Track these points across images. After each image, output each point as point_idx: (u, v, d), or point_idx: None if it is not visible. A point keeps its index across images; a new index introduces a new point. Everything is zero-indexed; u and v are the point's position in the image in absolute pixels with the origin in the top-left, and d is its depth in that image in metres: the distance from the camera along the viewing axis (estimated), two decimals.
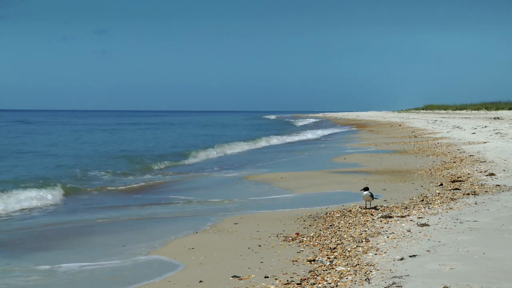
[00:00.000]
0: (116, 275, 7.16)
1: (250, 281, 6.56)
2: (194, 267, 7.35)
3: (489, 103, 76.41)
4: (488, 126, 34.07)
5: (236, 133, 51.63)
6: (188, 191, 14.51)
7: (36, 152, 27.54)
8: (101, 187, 15.74)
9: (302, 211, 10.81)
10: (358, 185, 13.52)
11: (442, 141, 26.84)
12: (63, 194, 14.06)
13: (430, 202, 10.89)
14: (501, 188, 11.98)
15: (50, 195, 13.55)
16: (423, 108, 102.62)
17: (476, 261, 6.62)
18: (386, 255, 7.22)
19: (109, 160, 23.14)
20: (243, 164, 21.69)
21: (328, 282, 6.28)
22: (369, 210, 10.46)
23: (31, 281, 7.09)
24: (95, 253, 8.31)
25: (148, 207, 12.36)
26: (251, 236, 8.90)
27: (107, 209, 12.17)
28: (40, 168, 19.77)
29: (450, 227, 8.46)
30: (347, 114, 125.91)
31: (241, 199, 12.88)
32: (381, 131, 42.67)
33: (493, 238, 7.67)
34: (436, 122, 48.01)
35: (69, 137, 42.38)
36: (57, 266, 7.63)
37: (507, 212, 9.38)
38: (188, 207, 12.06)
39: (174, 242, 8.78)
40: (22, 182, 15.39)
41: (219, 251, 8.08)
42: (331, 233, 8.72)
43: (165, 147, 31.63)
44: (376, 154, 22.26)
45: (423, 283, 5.91)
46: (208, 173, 18.78)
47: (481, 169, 15.08)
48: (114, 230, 9.94)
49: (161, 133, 52.14)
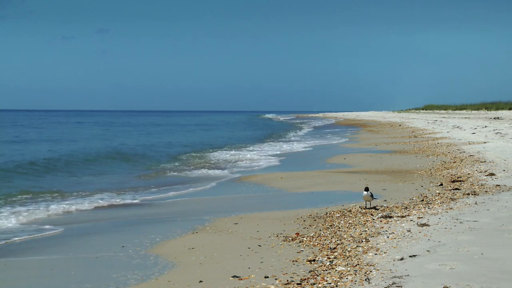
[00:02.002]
0: (116, 275, 7.16)
1: (250, 281, 6.56)
2: (194, 267, 7.35)
3: (489, 103, 76.39)
4: (488, 126, 34.08)
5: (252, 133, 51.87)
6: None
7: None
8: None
9: (302, 211, 10.81)
10: (358, 185, 13.53)
11: (442, 141, 26.84)
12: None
13: (430, 202, 10.89)
14: (501, 188, 11.98)
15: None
16: (423, 108, 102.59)
17: (476, 261, 6.62)
18: (386, 255, 7.22)
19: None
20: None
21: (328, 282, 6.28)
22: (369, 210, 10.46)
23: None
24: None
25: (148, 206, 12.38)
26: (251, 236, 8.90)
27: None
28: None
29: (450, 227, 8.46)
30: (347, 114, 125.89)
31: (241, 197, 12.88)
32: (381, 131, 42.68)
33: (493, 238, 7.67)
34: (436, 122, 48.01)
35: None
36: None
37: (507, 212, 9.38)
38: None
39: (174, 241, 8.78)
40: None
41: (219, 251, 8.08)
42: (331, 233, 8.72)
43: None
44: (376, 154, 22.26)
45: (423, 283, 5.91)
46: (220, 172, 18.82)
47: (481, 169, 15.08)
48: (114, 230, 9.96)
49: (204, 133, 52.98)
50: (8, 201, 13.16)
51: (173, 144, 34.20)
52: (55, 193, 14.49)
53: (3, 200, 13.25)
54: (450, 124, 41.76)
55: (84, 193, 14.58)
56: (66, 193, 14.54)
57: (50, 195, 14.23)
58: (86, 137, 41.99)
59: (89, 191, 14.84)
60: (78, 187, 15.77)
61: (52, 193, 14.54)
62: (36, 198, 13.74)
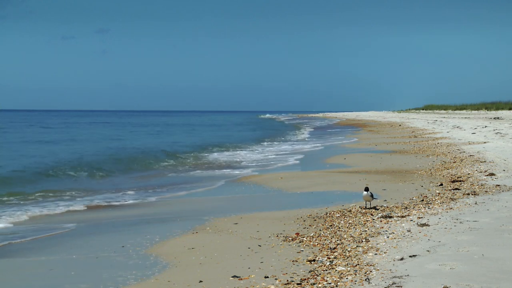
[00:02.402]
0: (115, 275, 7.16)
1: (250, 281, 6.56)
2: (194, 267, 7.35)
3: (489, 103, 76.39)
4: (488, 126, 34.07)
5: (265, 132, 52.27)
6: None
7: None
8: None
9: (302, 211, 10.80)
10: (358, 185, 13.53)
11: (442, 141, 26.84)
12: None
13: (430, 202, 10.89)
14: (501, 188, 11.98)
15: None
16: (423, 108, 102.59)
17: (476, 261, 6.62)
18: (386, 255, 7.22)
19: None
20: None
21: (328, 282, 6.28)
22: (369, 210, 10.46)
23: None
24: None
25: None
26: (251, 236, 8.89)
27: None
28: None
29: (450, 227, 8.46)
30: (347, 114, 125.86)
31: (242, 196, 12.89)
32: (381, 131, 42.68)
33: (493, 238, 7.67)
34: (436, 122, 48.01)
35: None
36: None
37: (507, 212, 9.38)
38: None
39: (174, 241, 8.78)
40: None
41: (219, 251, 8.07)
42: (331, 233, 8.71)
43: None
44: (376, 154, 22.26)
45: (423, 283, 5.91)
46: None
47: (481, 169, 15.08)
48: (114, 230, 9.96)
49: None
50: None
51: (193, 142, 34.65)
52: (50, 192, 14.62)
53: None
54: (450, 124, 41.76)
55: (79, 193, 14.68)
56: (83, 191, 14.70)
57: (42, 195, 14.31)
58: (117, 138, 42.39)
59: (83, 191, 14.97)
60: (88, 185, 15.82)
61: (47, 192, 14.69)
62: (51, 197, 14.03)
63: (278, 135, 45.93)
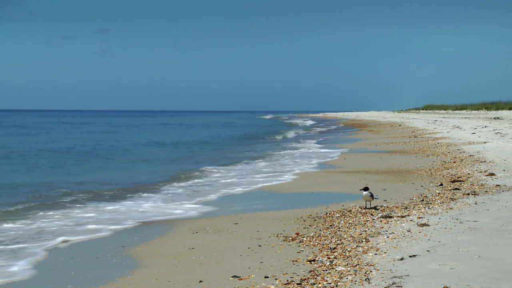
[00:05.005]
0: (115, 274, 7.16)
1: (250, 281, 6.56)
2: (194, 267, 7.35)
3: (489, 103, 76.37)
4: (488, 126, 34.07)
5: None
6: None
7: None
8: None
9: (302, 211, 10.81)
10: (358, 185, 13.52)
11: (442, 141, 26.84)
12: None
13: (430, 202, 10.89)
14: (501, 188, 11.98)
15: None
16: (423, 108, 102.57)
17: (476, 261, 6.62)
18: (386, 255, 7.22)
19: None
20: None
21: (328, 282, 6.28)
22: (369, 210, 10.46)
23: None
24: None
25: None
26: (251, 236, 8.90)
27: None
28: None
29: (450, 227, 8.46)
30: (347, 114, 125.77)
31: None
32: (381, 131, 42.67)
33: (493, 238, 7.67)
34: (436, 122, 47.99)
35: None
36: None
37: (507, 212, 9.38)
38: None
39: (174, 241, 8.78)
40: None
41: (219, 251, 8.08)
42: (331, 233, 8.71)
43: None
44: (376, 154, 22.26)
45: (423, 283, 5.91)
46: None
47: (481, 169, 15.08)
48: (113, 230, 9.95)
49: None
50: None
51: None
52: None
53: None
54: (450, 124, 41.75)
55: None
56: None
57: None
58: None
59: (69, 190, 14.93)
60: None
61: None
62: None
63: (282, 134, 45.95)
